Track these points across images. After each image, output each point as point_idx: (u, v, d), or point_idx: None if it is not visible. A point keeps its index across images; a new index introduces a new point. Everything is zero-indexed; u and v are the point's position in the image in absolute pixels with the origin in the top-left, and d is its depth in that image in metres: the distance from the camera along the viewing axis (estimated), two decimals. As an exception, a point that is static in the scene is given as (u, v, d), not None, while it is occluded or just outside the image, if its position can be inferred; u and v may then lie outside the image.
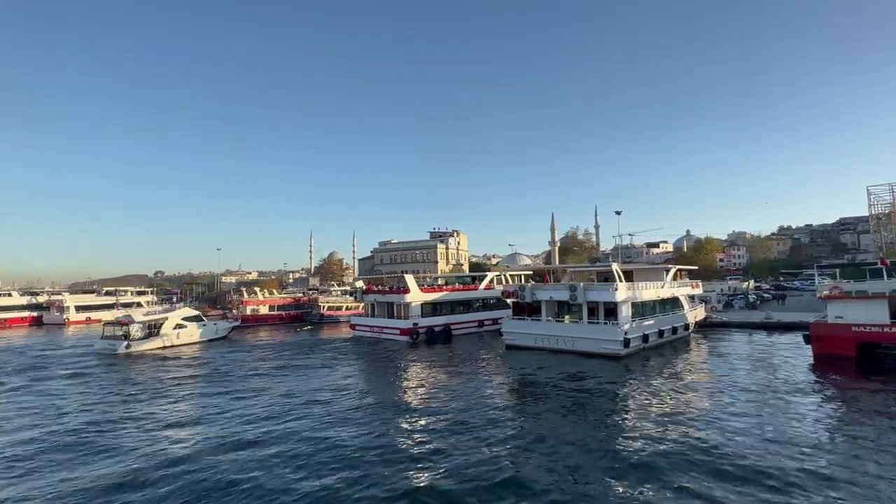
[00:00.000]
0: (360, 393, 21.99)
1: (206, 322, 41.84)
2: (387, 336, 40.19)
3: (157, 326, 37.72)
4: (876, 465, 12.03)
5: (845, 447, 13.41)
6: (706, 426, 15.19)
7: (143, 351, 35.95)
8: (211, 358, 33.20)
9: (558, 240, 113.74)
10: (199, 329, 40.75)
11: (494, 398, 19.75)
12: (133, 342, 35.84)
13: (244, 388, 23.10)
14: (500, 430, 15.41)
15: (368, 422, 16.97)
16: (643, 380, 22.61)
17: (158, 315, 38.77)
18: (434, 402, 19.73)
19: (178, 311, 40.62)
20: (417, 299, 39.39)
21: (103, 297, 74.40)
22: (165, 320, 38.38)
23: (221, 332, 43.19)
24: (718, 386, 20.67)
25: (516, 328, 33.06)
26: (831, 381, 21.41)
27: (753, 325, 40.62)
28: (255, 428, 16.52)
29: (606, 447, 13.63)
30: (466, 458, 13.06)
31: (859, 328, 25.33)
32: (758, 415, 16.35)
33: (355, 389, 22.72)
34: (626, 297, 29.24)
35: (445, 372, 26.09)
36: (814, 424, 15.38)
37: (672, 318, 34.42)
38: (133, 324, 36.79)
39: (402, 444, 14.49)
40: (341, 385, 23.55)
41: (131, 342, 35.69)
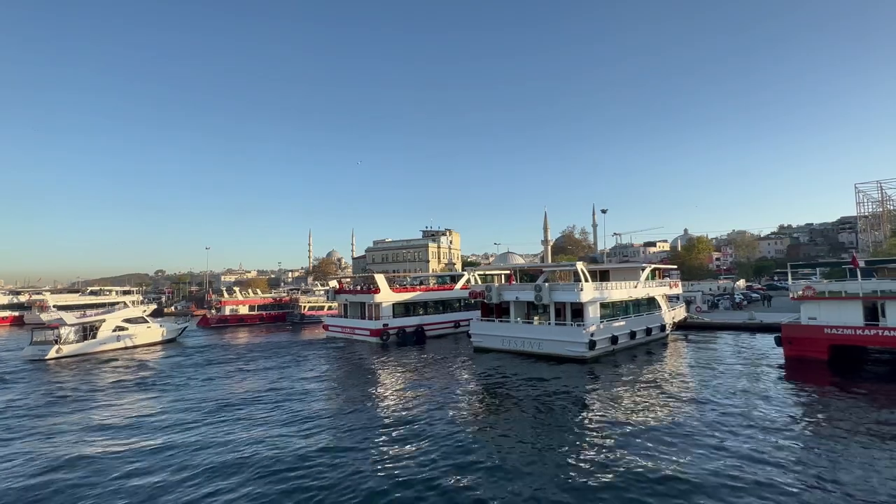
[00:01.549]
0: (298, 397, 20.90)
1: (150, 324, 40.33)
2: (358, 337, 39.30)
3: (94, 329, 36.15)
4: (840, 480, 11.16)
5: (811, 460, 12.43)
6: (656, 441, 14.09)
7: (77, 356, 34.13)
8: (149, 362, 31.59)
9: (551, 239, 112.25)
10: (143, 332, 39.09)
11: (444, 407, 18.37)
12: (65, 346, 34.09)
13: (162, 396, 21.85)
14: (438, 445, 14.22)
15: (284, 437, 15.35)
16: (606, 385, 21.60)
17: (94, 317, 37.15)
18: (381, 408, 18.73)
19: (119, 313, 38.96)
20: (388, 299, 38.44)
21: (87, 297, 73.79)
22: (103, 322, 36.65)
23: (170, 334, 41.47)
24: (680, 393, 19.59)
25: (484, 330, 32.10)
26: (801, 386, 20.30)
27: (735, 327, 39.52)
28: (145, 439, 15.50)
29: (548, 467, 12.38)
30: (403, 472, 12.23)
31: (832, 330, 24.28)
32: (716, 426, 15.28)
33: (294, 394, 21.60)
34: (593, 297, 28.19)
35: (405, 376, 25.03)
36: (776, 435, 14.33)
37: (646, 318, 33.36)
38: (64, 327, 35.02)
39: (331, 457, 13.44)
40: (280, 390, 22.34)
41: (62, 346, 33.92)
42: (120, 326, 37.59)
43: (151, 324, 40.43)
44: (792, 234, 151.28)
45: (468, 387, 22.10)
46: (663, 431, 14.80)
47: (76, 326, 35.55)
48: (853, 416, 15.97)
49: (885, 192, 57.15)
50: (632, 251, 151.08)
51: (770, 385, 20.64)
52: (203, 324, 57.57)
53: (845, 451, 12.89)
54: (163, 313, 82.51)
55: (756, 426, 15.06)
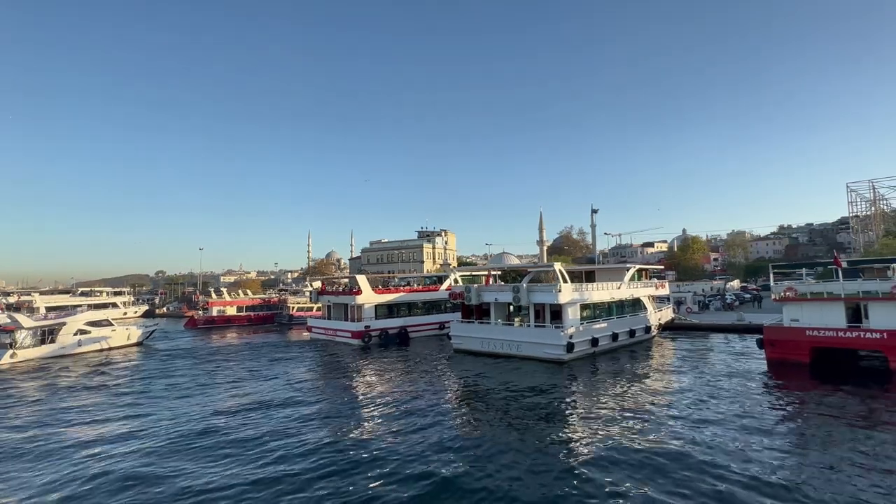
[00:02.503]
0: (258, 405, 19.89)
1: (116, 327, 39.15)
2: (340, 339, 38.77)
3: (53, 332, 34.83)
4: (813, 486, 10.71)
5: (784, 468, 11.90)
6: (625, 445, 13.55)
7: (33, 360, 32.69)
8: (107, 369, 29.83)
9: (548, 239, 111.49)
10: (107, 335, 37.74)
11: (414, 415, 17.55)
12: (20, 351, 32.65)
13: (102, 404, 20.72)
14: (401, 458, 13.42)
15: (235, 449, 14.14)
16: (582, 388, 21.04)
17: (53, 320, 35.92)
18: (351, 413, 18.02)
19: (81, 315, 37.77)
20: (370, 301, 37.89)
21: (77, 298, 73.27)
22: (63, 325, 35.30)
23: (137, 337, 40.17)
24: (655, 397, 18.96)
25: (463, 332, 31.57)
26: (781, 391, 19.68)
27: (723, 328, 38.87)
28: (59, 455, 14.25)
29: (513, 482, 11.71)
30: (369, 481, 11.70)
31: (813, 332, 23.66)
32: (687, 432, 14.70)
33: (251, 404, 20.09)
34: (572, 298, 27.62)
35: (378, 382, 24.27)
36: (750, 441, 13.77)
37: (630, 320, 32.77)
38: (21, 330, 33.36)
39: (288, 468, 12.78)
40: (239, 397, 21.13)
41: (17, 350, 32.43)
42: (82, 330, 36.26)
43: (117, 326, 39.25)
44: (791, 234, 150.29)
45: (439, 392, 21.26)
46: (633, 437, 14.30)
47: (33, 330, 33.96)
48: (829, 423, 15.34)
49: (878, 192, 56.35)
50: (630, 251, 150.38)
51: (749, 388, 20.07)
52: (190, 325, 57.15)
53: (820, 457, 12.43)
54: (154, 314, 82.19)
55: (730, 432, 14.55)
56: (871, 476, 11.18)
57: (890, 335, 21.61)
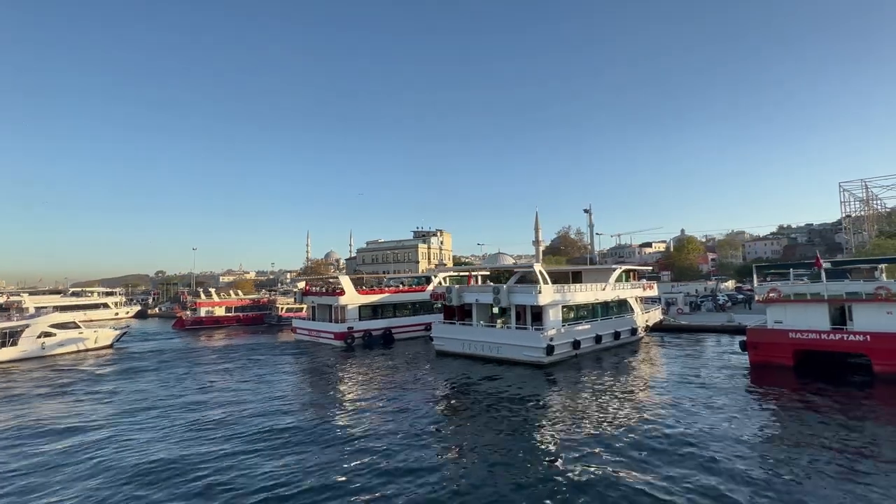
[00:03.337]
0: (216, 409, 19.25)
1: (83, 329, 38.26)
2: (323, 340, 38.29)
3: (15, 335, 33.84)
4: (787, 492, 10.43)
5: (758, 473, 11.59)
6: (598, 451, 13.22)
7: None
8: (64, 373, 28.90)
9: (544, 240, 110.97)
10: (73, 338, 36.78)
11: (388, 421, 16.92)
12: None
13: (39, 413, 19.62)
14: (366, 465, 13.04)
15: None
16: (559, 394, 20.48)
17: (14, 322, 35.12)
18: (313, 427, 16.86)
19: (46, 318, 36.95)
20: (354, 301, 37.37)
21: (68, 298, 73.10)
22: (26, 328, 34.39)
23: (106, 340, 39.15)
24: (632, 404, 18.37)
25: (445, 333, 31.06)
26: (761, 397, 19.10)
27: (712, 329, 38.38)
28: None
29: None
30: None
31: (796, 334, 23.12)
32: (664, 436, 14.33)
33: (211, 407, 19.65)
34: (553, 300, 27.09)
35: (353, 385, 23.73)
36: (726, 447, 13.41)
37: (616, 322, 32.23)
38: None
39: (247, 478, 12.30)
40: (201, 404, 20.23)
41: None
42: (46, 332, 35.42)
43: (85, 329, 38.41)
44: (790, 234, 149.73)
45: (414, 396, 20.64)
46: (608, 441, 13.94)
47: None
48: (808, 429, 14.81)
49: (871, 191, 55.65)
50: (628, 252, 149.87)
51: (728, 392, 19.66)
52: (178, 326, 56.70)
53: (791, 466, 12.04)
54: (147, 315, 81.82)
55: (706, 437, 14.21)
56: (846, 485, 10.84)
57: (874, 337, 21.08)
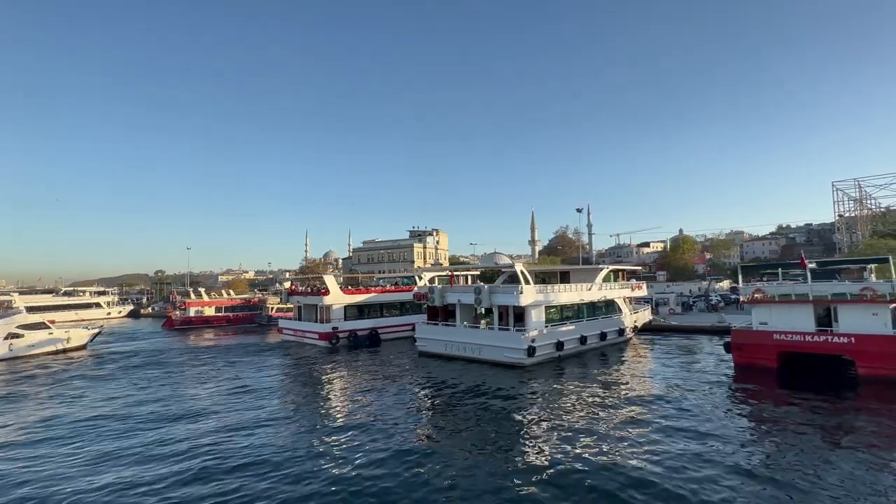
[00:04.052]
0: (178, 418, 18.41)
1: (53, 330, 37.42)
2: (308, 340, 37.86)
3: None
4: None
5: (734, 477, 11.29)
6: (571, 456, 12.86)
7: None
8: (25, 378, 27.47)
9: (540, 239, 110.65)
10: (42, 339, 35.76)
11: (357, 434, 15.79)
12: None
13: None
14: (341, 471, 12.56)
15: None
16: (538, 396, 20.01)
17: None
18: (276, 432, 16.33)
19: (12, 319, 36.07)
20: (339, 301, 36.90)
21: (60, 298, 72.75)
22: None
23: (78, 340, 38.08)
24: (612, 407, 17.89)
25: (427, 334, 30.65)
26: (743, 400, 18.72)
27: (701, 330, 37.90)
28: None
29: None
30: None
31: (781, 336, 22.65)
32: (640, 440, 14.00)
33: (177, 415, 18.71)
34: (535, 300, 26.64)
35: (330, 388, 23.20)
36: (701, 450, 13.12)
37: (602, 322, 31.77)
38: None
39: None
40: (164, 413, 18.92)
41: None
42: (14, 334, 34.48)
43: (55, 330, 37.58)
44: (789, 234, 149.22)
45: (388, 401, 19.97)
46: (574, 453, 13.40)
47: None
48: (785, 437, 14.25)
49: (865, 190, 54.96)
50: (625, 251, 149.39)
51: (710, 394, 19.29)
52: (168, 326, 56.30)
53: (770, 472, 11.68)
54: (139, 314, 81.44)
55: (681, 442, 13.84)
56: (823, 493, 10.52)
57: (858, 339, 20.61)
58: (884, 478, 11.16)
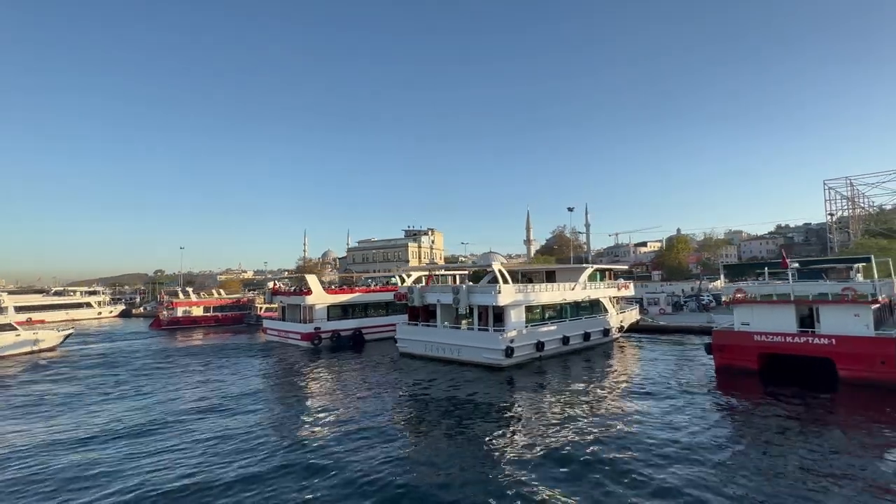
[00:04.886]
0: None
1: (21, 331, 36.67)
2: (291, 341, 37.40)
3: None
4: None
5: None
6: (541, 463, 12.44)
7: None
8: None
9: (535, 239, 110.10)
10: (9, 341, 34.88)
11: (326, 441, 15.07)
12: None
13: None
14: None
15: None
16: (514, 398, 19.53)
17: None
18: (252, 432, 15.97)
19: None
20: (321, 301, 36.44)
21: (50, 298, 72.36)
22: None
23: (49, 342, 37.30)
24: (587, 410, 17.46)
25: (408, 334, 30.21)
26: (722, 404, 18.23)
27: (689, 330, 37.37)
28: None
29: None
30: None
31: (761, 337, 22.15)
32: (610, 445, 13.60)
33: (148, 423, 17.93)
34: (514, 300, 26.16)
35: (308, 390, 22.57)
36: (674, 454, 12.81)
37: (586, 322, 31.28)
38: None
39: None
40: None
41: None
42: None
43: (22, 331, 36.84)
44: (787, 234, 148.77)
45: (360, 406, 19.17)
46: (548, 451, 13.19)
47: None
48: (762, 446, 13.63)
49: (857, 189, 54.31)
50: (623, 251, 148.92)
51: (689, 397, 18.85)
52: (155, 326, 55.88)
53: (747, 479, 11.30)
54: (131, 314, 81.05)
55: (654, 446, 13.52)
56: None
57: (839, 341, 20.10)
58: (854, 490, 10.64)
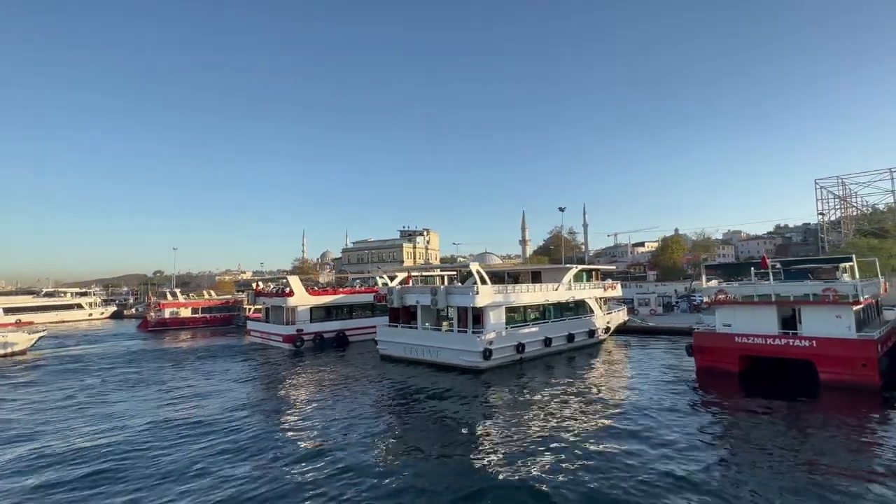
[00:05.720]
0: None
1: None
2: (273, 343, 36.95)
3: None
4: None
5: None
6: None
7: None
8: None
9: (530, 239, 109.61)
10: None
11: (295, 448, 14.40)
12: None
13: None
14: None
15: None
16: (488, 402, 18.96)
17: None
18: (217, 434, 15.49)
19: None
20: (304, 302, 35.97)
21: (40, 299, 72.00)
22: None
23: (19, 345, 36.27)
24: (563, 414, 16.89)
25: (387, 336, 29.75)
26: (699, 408, 17.75)
27: (678, 331, 36.85)
28: None
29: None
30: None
31: (742, 339, 21.66)
32: (578, 456, 12.97)
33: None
34: (493, 301, 25.67)
35: (278, 396, 21.75)
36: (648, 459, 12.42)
37: (570, 324, 30.80)
38: None
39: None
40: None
41: None
42: None
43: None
44: (785, 233, 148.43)
45: (331, 413, 18.31)
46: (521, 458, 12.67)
47: None
48: (737, 456, 12.93)
49: (849, 188, 53.70)
50: (620, 251, 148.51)
51: (669, 401, 18.32)
52: (143, 327, 55.48)
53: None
54: (122, 315, 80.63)
55: (626, 453, 13.04)
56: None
57: (819, 343, 19.60)
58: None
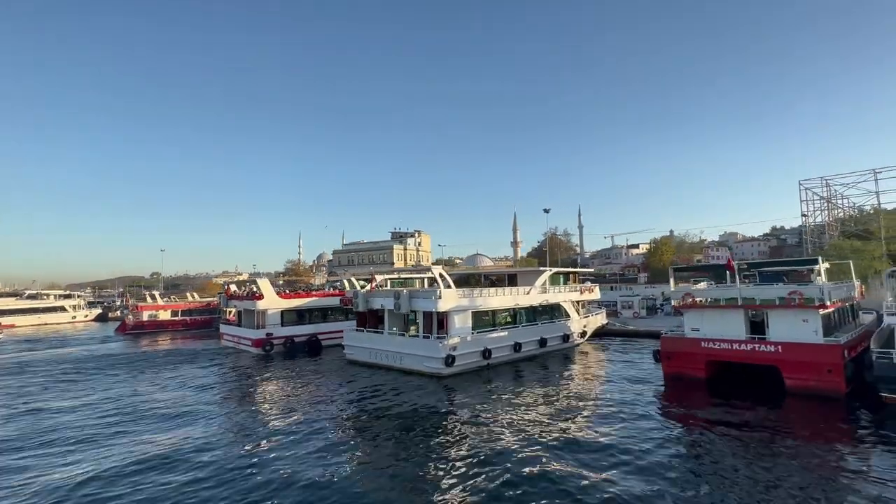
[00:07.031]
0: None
1: None
2: (243, 347, 36.18)
3: None
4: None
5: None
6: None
7: None
8: None
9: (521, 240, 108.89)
10: None
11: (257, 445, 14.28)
12: None
13: None
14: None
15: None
16: (449, 412, 18.13)
17: None
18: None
19: None
20: (274, 306, 35.21)
21: (23, 301, 71.26)
22: None
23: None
24: (522, 423, 16.19)
25: (353, 341, 29.08)
26: (664, 416, 17.08)
27: (657, 335, 35.92)
28: None
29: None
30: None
31: (709, 344, 20.92)
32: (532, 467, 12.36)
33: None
34: (457, 305, 24.93)
35: (237, 404, 20.82)
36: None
37: (542, 328, 30.06)
38: None
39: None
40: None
41: None
42: None
43: None
44: (780, 235, 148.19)
45: (294, 419, 17.58)
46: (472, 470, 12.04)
47: None
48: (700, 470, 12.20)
49: (833, 189, 53.04)
50: (615, 253, 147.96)
51: (634, 408, 17.66)
52: (121, 330, 54.67)
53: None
54: (107, 318, 79.74)
55: (581, 463, 12.58)
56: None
57: (785, 348, 18.88)
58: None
